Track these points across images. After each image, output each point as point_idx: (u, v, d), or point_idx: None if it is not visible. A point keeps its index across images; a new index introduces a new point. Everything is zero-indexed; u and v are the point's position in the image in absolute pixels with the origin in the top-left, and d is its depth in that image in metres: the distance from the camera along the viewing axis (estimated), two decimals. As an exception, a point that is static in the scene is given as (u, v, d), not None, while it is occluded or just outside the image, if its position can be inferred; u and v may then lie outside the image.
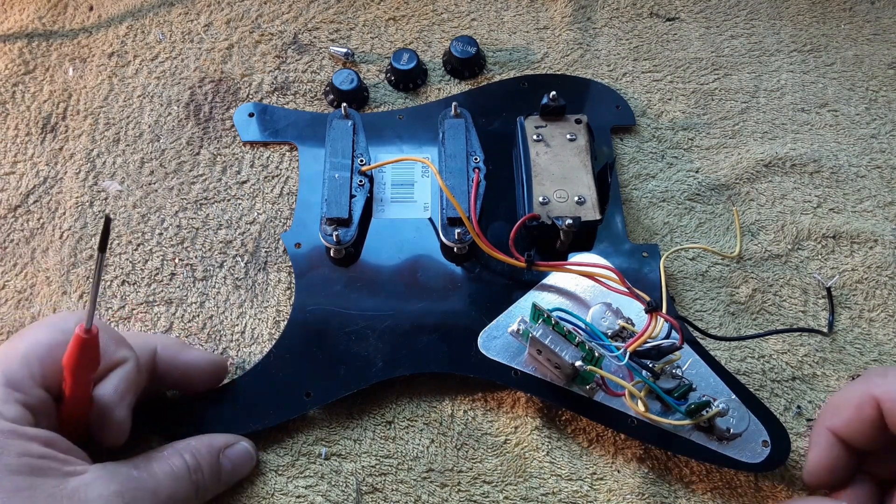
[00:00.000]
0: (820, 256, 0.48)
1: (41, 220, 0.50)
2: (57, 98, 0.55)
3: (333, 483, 0.41)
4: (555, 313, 0.41)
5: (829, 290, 0.47)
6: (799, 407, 0.43)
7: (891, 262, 0.48)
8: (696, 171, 0.52)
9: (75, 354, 0.33)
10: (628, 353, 0.40)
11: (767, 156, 0.52)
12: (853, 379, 0.44)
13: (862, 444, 0.37)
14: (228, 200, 0.51)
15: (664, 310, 0.41)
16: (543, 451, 0.42)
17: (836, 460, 0.37)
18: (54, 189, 0.51)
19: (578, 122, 0.50)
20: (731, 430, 0.40)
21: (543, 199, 0.46)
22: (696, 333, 0.44)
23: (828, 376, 0.44)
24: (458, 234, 0.46)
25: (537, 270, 0.45)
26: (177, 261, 0.48)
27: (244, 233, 0.49)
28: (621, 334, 0.43)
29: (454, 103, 0.51)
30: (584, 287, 0.45)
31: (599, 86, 0.56)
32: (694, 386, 0.41)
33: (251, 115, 0.54)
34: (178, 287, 0.47)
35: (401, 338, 0.44)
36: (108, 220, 0.31)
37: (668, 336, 0.41)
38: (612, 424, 0.41)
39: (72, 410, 0.35)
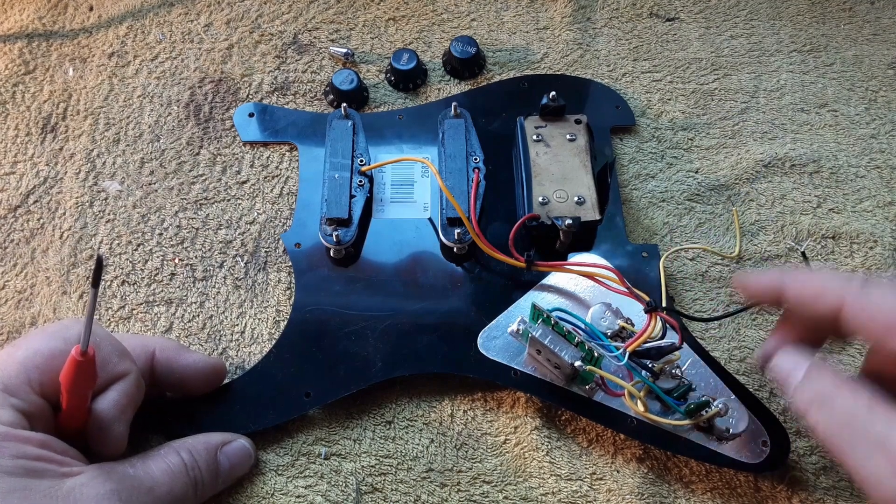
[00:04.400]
0: (819, 257, 0.49)
1: (41, 221, 0.50)
2: (57, 98, 0.55)
3: (333, 483, 0.41)
4: (554, 313, 0.41)
5: (804, 254, 0.46)
6: None
7: (890, 262, 0.48)
8: (696, 172, 0.52)
9: (72, 374, 0.33)
10: (628, 353, 0.40)
11: (767, 156, 0.52)
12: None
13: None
14: (228, 200, 0.51)
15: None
16: (543, 451, 0.42)
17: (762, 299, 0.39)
18: (54, 189, 0.51)
19: (578, 122, 0.50)
20: (731, 430, 0.40)
21: (543, 199, 0.46)
22: (684, 319, 0.44)
23: (827, 376, 0.44)
24: (458, 234, 0.46)
25: (537, 270, 0.45)
26: (177, 261, 0.48)
27: (244, 233, 0.49)
28: (621, 334, 0.43)
29: (454, 103, 0.51)
30: (583, 287, 0.45)
31: (599, 86, 0.56)
32: (693, 386, 0.41)
33: (251, 115, 0.54)
34: (178, 287, 0.47)
35: (400, 338, 0.44)
36: (100, 260, 0.31)
37: (663, 335, 0.41)
38: (611, 424, 0.41)
39: (69, 422, 0.35)
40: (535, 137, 0.49)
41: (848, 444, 0.32)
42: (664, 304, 0.42)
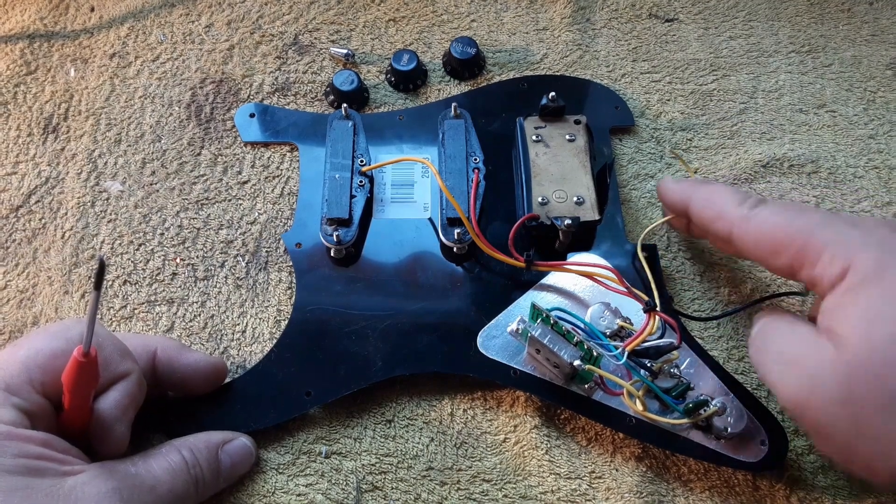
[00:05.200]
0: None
1: (43, 221, 0.50)
2: (58, 98, 0.55)
3: (334, 481, 0.41)
4: (554, 313, 0.41)
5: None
6: None
7: (888, 262, 0.48)
8: (695, 172, 0.52)
9: (74, 374, 0.33)
10: (626, 353, 0.40)
11: (766, 156, 0.52)
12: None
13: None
14: (229, 200, 0.51)
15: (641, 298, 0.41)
16: (542, 449, 0.42)
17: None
18: (56, 189, 0.51)
19: (577, 122, 0.50)
20: (729, 429, 0.40)
21: (542, 199, 0.46)
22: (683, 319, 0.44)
23: (825, 376, 0.44)
24: (458, 234, 0.46)
25: (536, 270, 0.45)
26: (178, 261, 0.48)
27: (245, 233, 0.50)
28: (620, 334, 0.43)
29: (454, 104, 0.51)
30: (582, 287, 0.45)
31: (598, 86, 0.56)
32: (692, 385, 0.41)
33: (252, 115, 0.54)
34: (180, 287, 0.47)
35: (400, 337, 0.44)
36: (102, 262, 0.31)
37: (662, 335, 0.42)
38: (610, 423, 0.41)
39: (71, 421, 0.35)
40: (534, 138, 0.49)
41: (769, 365, 0.35)
42: (653, 299, 0.42)
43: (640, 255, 0.45)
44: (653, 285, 0.43)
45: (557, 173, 0.48)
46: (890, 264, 0.31)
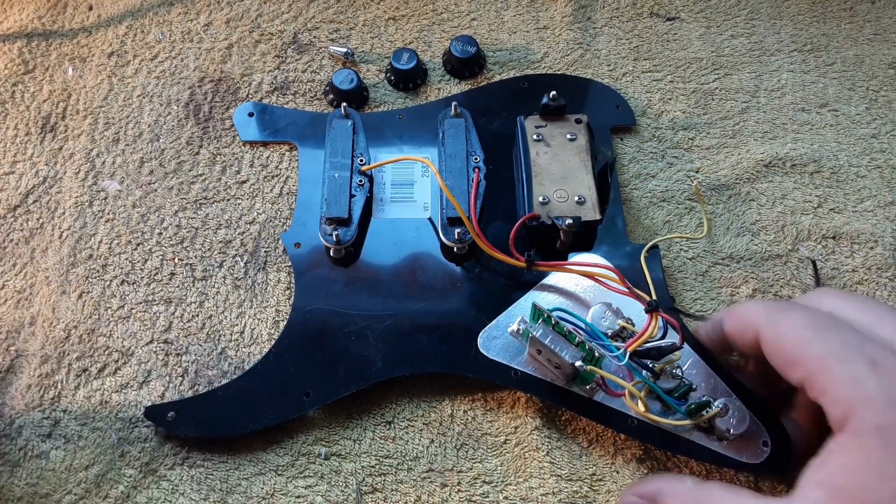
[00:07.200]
0: (820, 257, 0.48)
1: (40, 220, 0.50)
2: (56, 98, 0.55)
3: (333, 483, 0.41)
4: (555, 313, 0.41)
5: (814, 262, 0.47)
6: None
7: (891, 263, 0.48)
8: (697, 171, 0.52)
9: None
10: (628, 353, 0.40)
11: (768, 156, 0.52)
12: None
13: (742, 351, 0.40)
14: (228, 200, 0.51)
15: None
16: (543, 451, 0.41)
17: (720, 346, 0.41)
18: (54, 189, 0.51)
19: (578, 121, 0.50)
20: (732, 431, 0.39)
21: (543, 198, 0.46)
22: (683, 318, 0.44)
23: (828, 376, 0.44)
24: (458, 233, 0.46)
25: (537, 270, 0.45)
26: (176, 260, 0.48)
27: (244, 232, 0.49)
28: (621, 334, 0.43)
29: (454, 103, 0.51)
30: (584, 287, 0.45)
31: (599, 85, 0.55)
32: (694, 386, 0.41)
33: (251, 114, 0.54)
34: (178, 287, 0.47)
35: (400, 338, 0.44)
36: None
37: (664, 335, 0.41)
38: (611, 425, 0.41)
39: None
40: (535, 137, 0.49)
41: None
42: (654, 298, 0.42)
43: (643, 260, 0.45)
44: (650, 283, 0.43)
45: (558, 173, 0.48)
46: (891, 426, 0.30)
